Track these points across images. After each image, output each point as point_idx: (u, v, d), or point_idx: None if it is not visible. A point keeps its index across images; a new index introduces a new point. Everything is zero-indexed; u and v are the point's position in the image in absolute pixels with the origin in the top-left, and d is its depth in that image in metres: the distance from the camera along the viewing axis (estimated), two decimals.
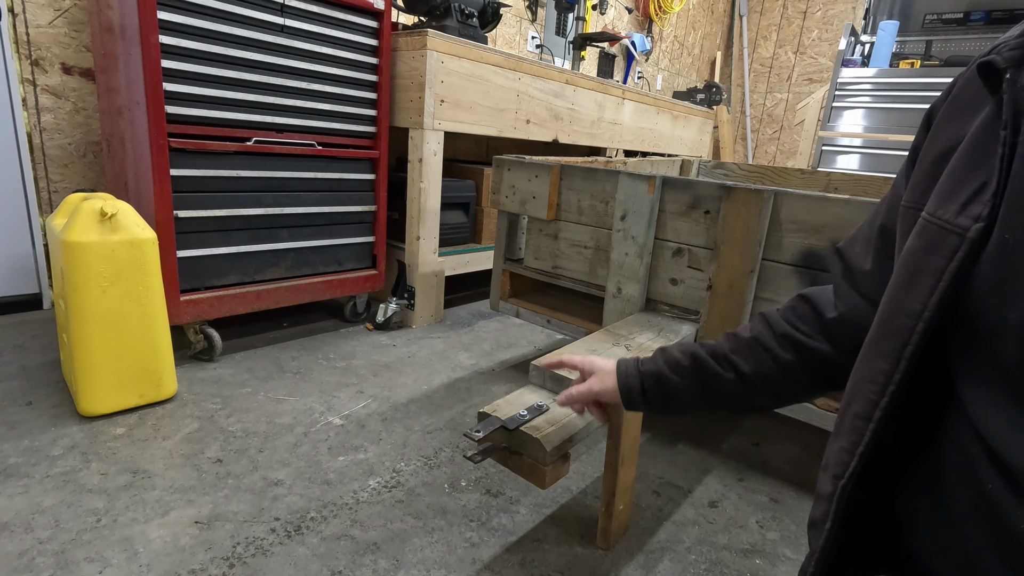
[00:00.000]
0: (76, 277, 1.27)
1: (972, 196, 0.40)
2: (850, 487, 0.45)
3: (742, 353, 0.66)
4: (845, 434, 0.47)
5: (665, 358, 0.73)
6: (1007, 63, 0.39)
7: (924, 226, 0.43)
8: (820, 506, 0.49)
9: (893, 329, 0.43)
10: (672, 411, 0.75)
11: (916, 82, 3.30)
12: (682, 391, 0.70)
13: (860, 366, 0.48)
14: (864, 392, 0.45)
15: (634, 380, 0.74)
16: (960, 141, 0.44)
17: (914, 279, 0.42)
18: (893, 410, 0.43)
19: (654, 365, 0.73)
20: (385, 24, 1.93)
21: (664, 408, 0.74)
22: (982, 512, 0.39)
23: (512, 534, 1.12)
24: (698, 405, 0.71)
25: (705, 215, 1.33)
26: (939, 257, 0.40)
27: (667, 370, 0.71)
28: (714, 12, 5.70)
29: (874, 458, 0.45)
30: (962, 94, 0.48)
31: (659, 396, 0.73)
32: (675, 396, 0.71)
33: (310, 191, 1.86)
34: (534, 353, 2.08)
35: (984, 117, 0.42)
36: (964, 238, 0.39)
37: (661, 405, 0.73)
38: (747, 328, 0.69)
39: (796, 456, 1.52)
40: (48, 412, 1.38)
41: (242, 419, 1.44)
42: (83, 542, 0.99)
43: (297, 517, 1.11)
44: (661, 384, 0.72)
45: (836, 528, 0.47)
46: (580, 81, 2.69)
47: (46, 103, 1.93)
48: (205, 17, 1.53)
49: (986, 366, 0.39)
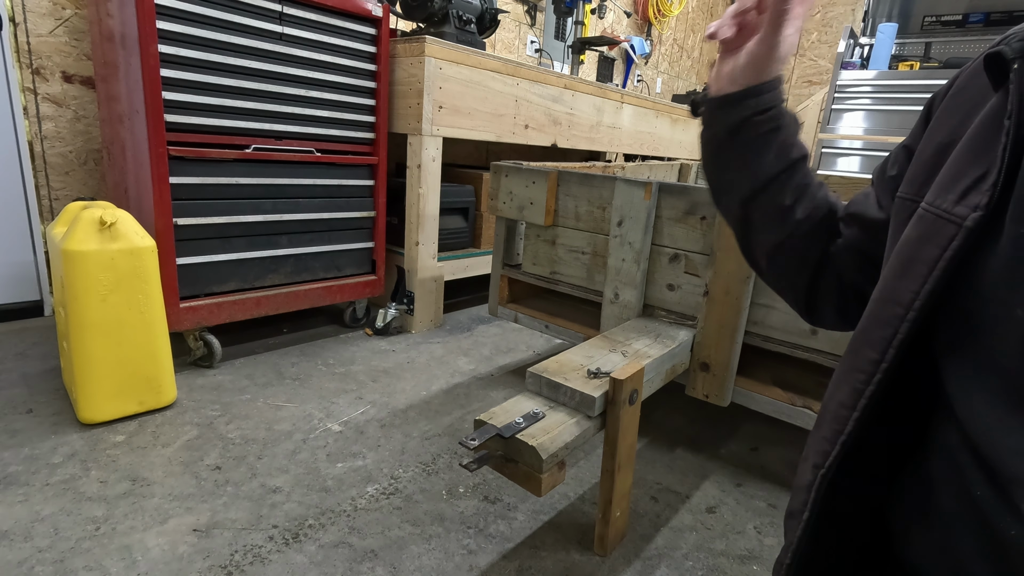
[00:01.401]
0: (76, 286, 1.28)
1: (971, 185, 0.39)
2: (830, 476, 0.45)
3: (810, 193, 0.58)
4: (828, 423, 0.46)
5: (793, 131, 0.58)
6: (1015, 53, 0.39)
7: (921, 215, 0.43)
8: (798, 496, 0.49)
9: (884, 318, 0.43)
10: (730, 158, 0.60)
11: (916, 84, 3.30)
12: (763, 155, 0.57)
13: (848, 357, 0.47)
14: (850, 381, 0.45)
15: (775, 97, 0.56)
16: (960, 136, 0.43)
17: (908, 268, 0.42)
18: (878, 400, 0.43)
19: (790, 122, 0.58)
20: (383, 31, 1.94)
21: (736, 148, 0.59)
22: (970, 518, 0.38)
23: (509, 541, 1.12)
24: (744, 177, 0.59)
25: (701, 221, 1.33)
26: (934, 246, 0.40)
27: (785, 136, 0.57)
28: (713, 15, 5.71)
29: (856, 451, 0.44)
30: (965, 88, 0.47)
31: (753, 136, 0.57)
32: (758, 151, 0.57)
33: (309, 197, 1.87)
34: (533, 358, 2.08)
35: (989, 108, 0.41)
36: (961, 227, 0.38)
37: (740, 143, 0.58)
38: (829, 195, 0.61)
39: (795, 461, 1.52)
40: (48, 420, 1.39)
41: (241, 426, 1.44)
42: (82, 550, 1.00)
43: (295, 525, 1.11)
44: (768, 132, 0.57)
45: (814, 519, 0.46)
46: (579, 86, 2.69)
47: (47, 111, 1.95)
48: (204, 26, 1.54)
49: (980, 362, 0.38)
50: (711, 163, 0.64)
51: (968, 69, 0.48)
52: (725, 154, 0.61)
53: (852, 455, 0.45)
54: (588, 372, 1.08)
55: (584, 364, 1.12)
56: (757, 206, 0.60)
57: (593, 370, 1.08)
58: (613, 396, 1.01)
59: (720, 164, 0.62)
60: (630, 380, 1.01)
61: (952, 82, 0.49)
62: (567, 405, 1.03)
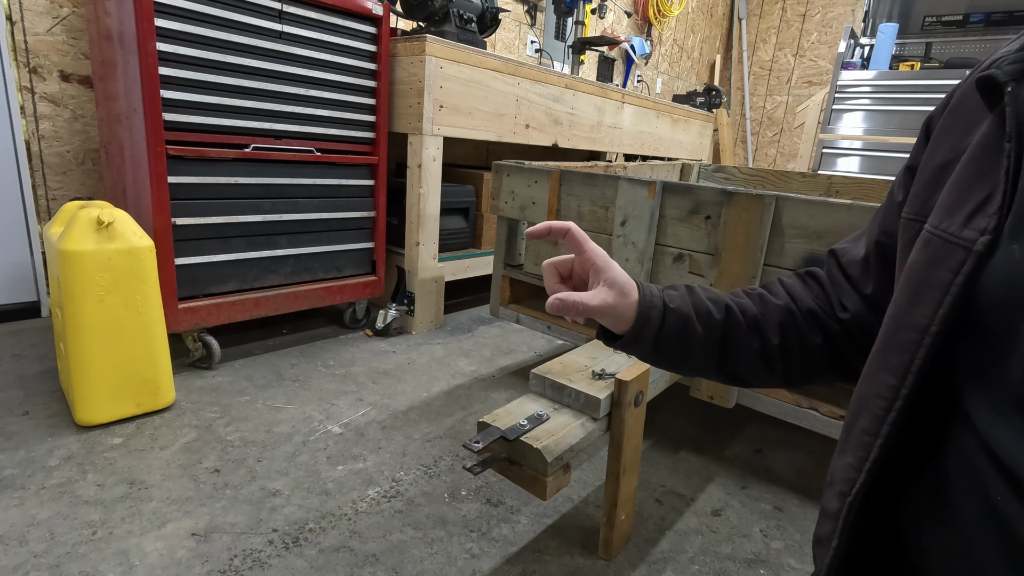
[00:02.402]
0: (73, 286, 1.27)
1: (976, 209, 0.40)
2: (857, 504, 0.45)
3: (771, 321, 0.59)
4: (852, 450, 0.46)
5: (695, 302, 0.59)
6: (1008, 76, 0.40)
7: (928, 239, 0.43)
8: (826, 524, 0.48)
9: (899, 343, 0.43)
10: (672, 363, 0.62)
11: (916, 84, 3.30)
12: (699, 346, 0.59)
13: (865, 382, 0.47)
14: (871, 408, 0.44)
15: (656, 313, 0.58)
16: (960, 153, 0.44)
17: (920, 293, 0.42)
18: (901, 425, 0.43)
19: (683, 305, 0.59)
20: (384, 30, 1.92)
21: (667, 358, 0.60)
22: (990, 523, 0.38)
23: (513, 545, 1.11)
24: (701, 365, 0.61)
25: (706, 220, 1.32)
26: (945, 271, 0.40)
27: (695, 317, 0.59)
28: (713, 15, 5.71)
29: (881, 473, 0.44)
30: (961, 105, 0.48)
31: (674, 343, 0.59)
32: (689, 349, 0.59)
33: (309, 197, 1.85)
34: (535, 359, 2.07)
35: (986, 129, 0.42)
36: (971, 251, 0.39)
37: (667, 354, 0.60)
38: (778, 286, 0.62)
39: (800, 463, 1.51)
40: (45, 422, 1.37)
41: (240, 428, 1.43)
42: (78, 555, 0.98)
43: (295, 528, 1.10)
44: (684, 331, 0.58)
45: (843, 546, 0.46)
46: (579, 85, 2.68)
47: (44, 111, 1.93)
48: (203, 24, 1.52)
49: (994, 379, 0.38)
50: (663, 367, 0.64)
51: (963, 86, 0.48)
52: (666, 361, 0.62)
53: (878, 479, 0.44)
54: (593, 373, 1.06)
55: (588, 365, 1.11)
56: (732, 366, 0.61)
57: (598, 371, 1.07)
58: (618, 398, 1.00)
59: (671, 365, 0.63)
60: (635, 381, 1.00)
61: (949, 99, 0.50)
62: (572, 407, 1.01)
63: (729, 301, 0.60)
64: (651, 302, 0.58)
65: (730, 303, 0.60)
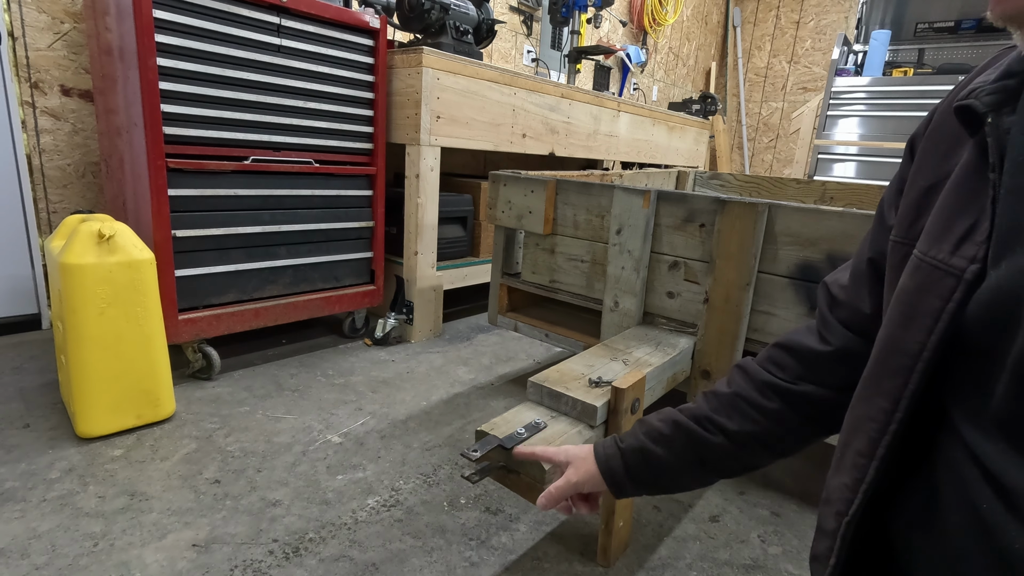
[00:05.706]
0: (74, 299, 1.28)
1: (964, 236, 0.41)
2: (854, 524, 0.46)
3: (725, 411, 0.63)
4: (847, 471, 0.47)
5: (645, 430, 0.67)
6: (986, 107, 0.40)
7: (917, 265, 0.44)
8: (823, 541, 0.49)
9: (892, 368, 0.44)
10: (664, 487, 0.68)
11: (910, 90, 3.33)
12: (670, 463, 0.65)
13: (858, 405, 0.48)
14: (865, 430, 0.45)
15: (615, 461, 0.67)
16: (944, 176, 0.45)
17: (911, 319, 0.43)
18: (895, 447, 0.44)
19: (635, 440, 0.67)
20: (381, 42, 1.95)
21: (655, 486, 0.68)
22: (977, 532, 0.39)
23: (512, 552, 1.11)
24: (691, 476, 0.66)
25: (700, 228, 1.34)
26: (935, 298, 0.41)
27: (649, 443, 0.66)
28: (708, 23, 5.76)
29: (876, 491, 0.45)
30: (940, 127, 0.48)
31: (646, 474, 0.66)
32: (663, 470, 0.65)
33: (308, 208, 1.87)
34: (533, 367, 2.08)
35: (967, 158, 0.43)
36: (960, 279, 0.40)
37: (651, 483, 0.67)
38: (724, 383, 0.66)
39: (797, 469, 1.51)
40: (46, 434, 1.38)
41: (240, 438, 1.43)
42: (80, 567, 0.99)
43: (295, 538, 1.10)
44: (646, 459, 0.66)
45: (841, 564, 0.47)
46: (575, 94, 2.71)
47: (45, 125, 1.95)
48: (203, 39, 1.54)
49: (979, 396, 0.40)
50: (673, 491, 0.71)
51: (943, 106, 0.49)
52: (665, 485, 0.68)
53: (873, 499, 0.45)
54: (589, 381, 1.07)
55: (585, 373, 1.12)
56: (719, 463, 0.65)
57: (595, 379, 1.08)
58: (615, 405, 1.01)
59: (674, 487, 0.69)
60: (632, 389, 1.01)
61: (930, 119, 0.51)
62: (569, 415, 1.02)
63: (676, 413, 0.66)
64: (607, 453, 0.69)
65: (676, 415, 0.66)
